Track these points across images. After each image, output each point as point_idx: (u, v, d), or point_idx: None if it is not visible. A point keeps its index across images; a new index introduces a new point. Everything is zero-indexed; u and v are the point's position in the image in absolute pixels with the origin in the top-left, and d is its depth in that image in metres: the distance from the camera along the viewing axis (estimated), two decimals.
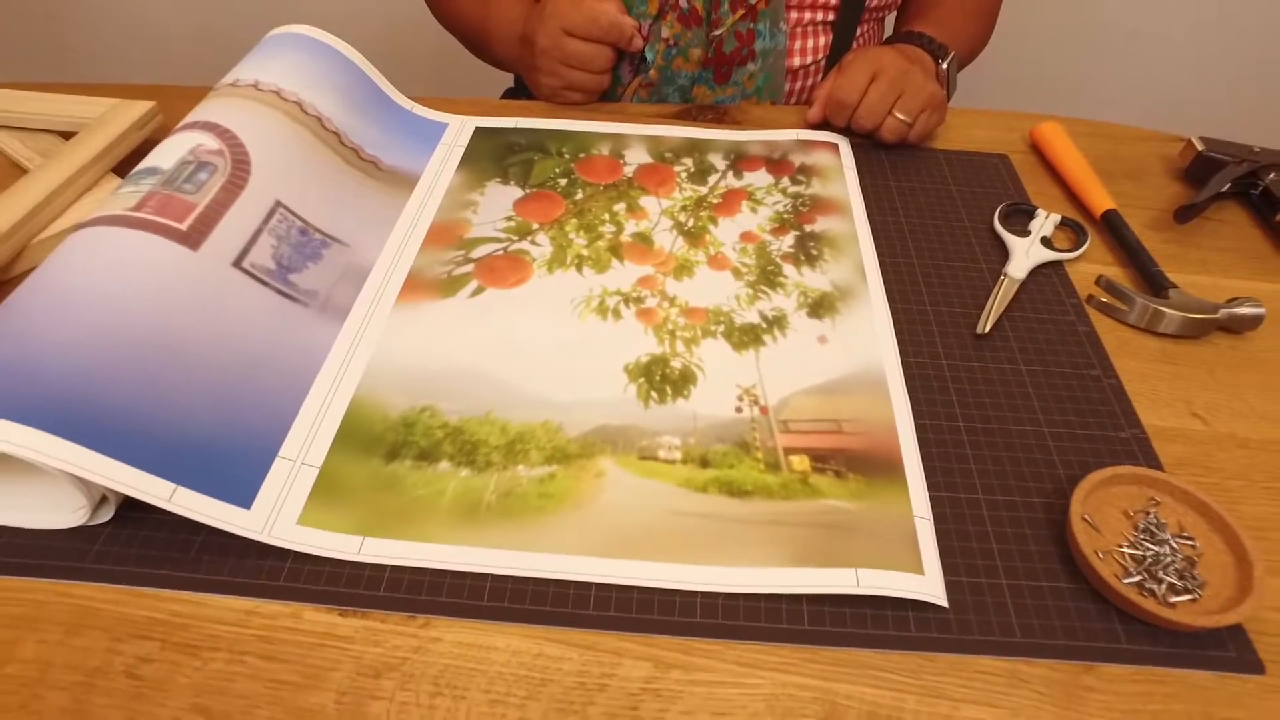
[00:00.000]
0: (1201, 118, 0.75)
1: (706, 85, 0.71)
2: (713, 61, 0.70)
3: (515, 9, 0.71)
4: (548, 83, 0.67)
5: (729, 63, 0.70)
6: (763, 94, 0.72)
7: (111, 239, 0.41)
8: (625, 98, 0.72)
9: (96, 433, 0.34)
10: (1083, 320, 0.49)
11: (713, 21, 0.68)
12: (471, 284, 0.50)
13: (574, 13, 0.63)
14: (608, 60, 0.65)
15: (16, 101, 0.60)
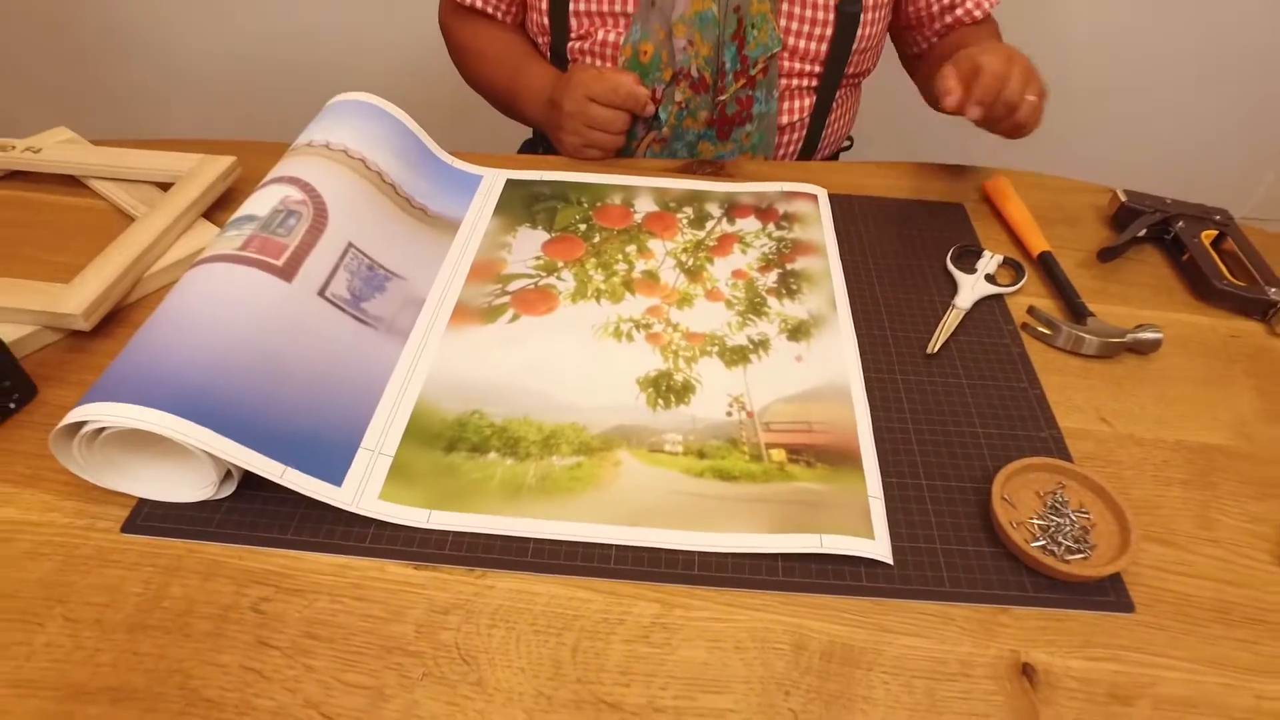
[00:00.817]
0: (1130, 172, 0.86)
1: (710, 141, 0.82)
2: (716, 122, 0.81)
3: (543, 76, 0.82)
4: (571, 141, 0.76)
5: (730, 123, 0.81)
6: (757, 149, 0.83)
7: (225, 273, 0.51)
8: (640, 151, 0.83)
9: (226, 423, 0.44)
10: (1016, 343, 0.58)
11: (718, 89, 0.79)
12: (509, 312, 0.60)
13: (597, 82, 0.73)
14: (625, 124, 0.75)
15: (121, 157, 0.71)
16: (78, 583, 0.42)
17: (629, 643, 0.41)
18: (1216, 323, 0.61)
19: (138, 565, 0.43)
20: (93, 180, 0.71)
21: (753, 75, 0.78)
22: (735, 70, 0.77)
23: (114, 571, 0.43)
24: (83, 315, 0.54)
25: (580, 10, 0.79)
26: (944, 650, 0.41)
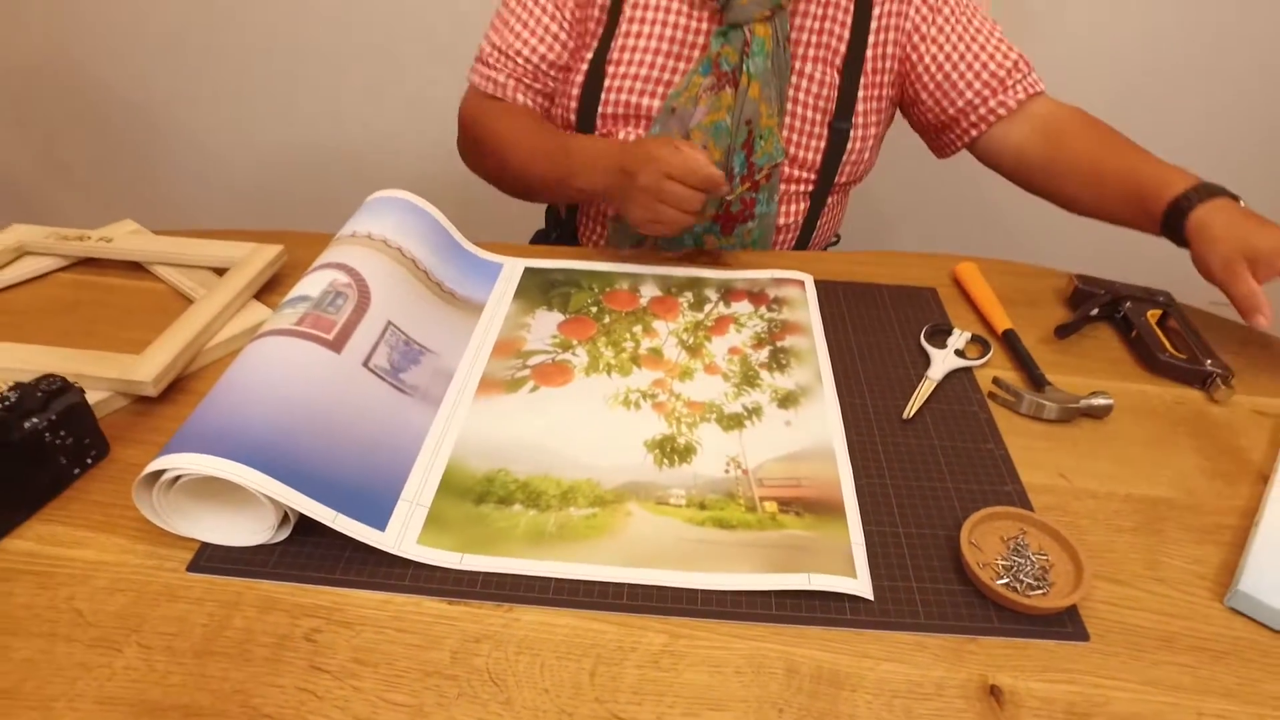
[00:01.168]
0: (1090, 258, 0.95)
1: (715, 235, 0.90)
2: (721, 219, 0.89)
3: (601, 145, 0.81)
4: (640, 215, 0.75)
5: (734, 220, 0.90)
6: (756, 244, 0.92)
7: (284, 344, 0.58)
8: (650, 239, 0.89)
9: (287, 473, 0.50)
10: (984, 410, 0.65)
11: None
12: (530, 384, 0.67)
13: (675, 159, 0.71)
14: (699, 204, 0.73)
15: (181, 246, 0.80)
16: (150, 615, 0.48)
17: (640, 667, 0.46)
18: (1162, 391, 0.68)
19: (202, 600, 0.49)
20: (155, 266, 0.79)
21: (757, 180, 0.87)
22: (742, 175, 0.86)
23: (181, 605, 0.48)
24: (152, 383, 0.61)
25: (607, 112, 0.89)
26: (920, 674, 0.46)
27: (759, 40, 0.83)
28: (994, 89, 0.88)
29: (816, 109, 0.89)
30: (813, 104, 0.89)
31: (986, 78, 0.87)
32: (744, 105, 0.84)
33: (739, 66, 0.84)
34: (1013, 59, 0.88)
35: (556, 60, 0.91)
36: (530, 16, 0.90)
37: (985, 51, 0.88)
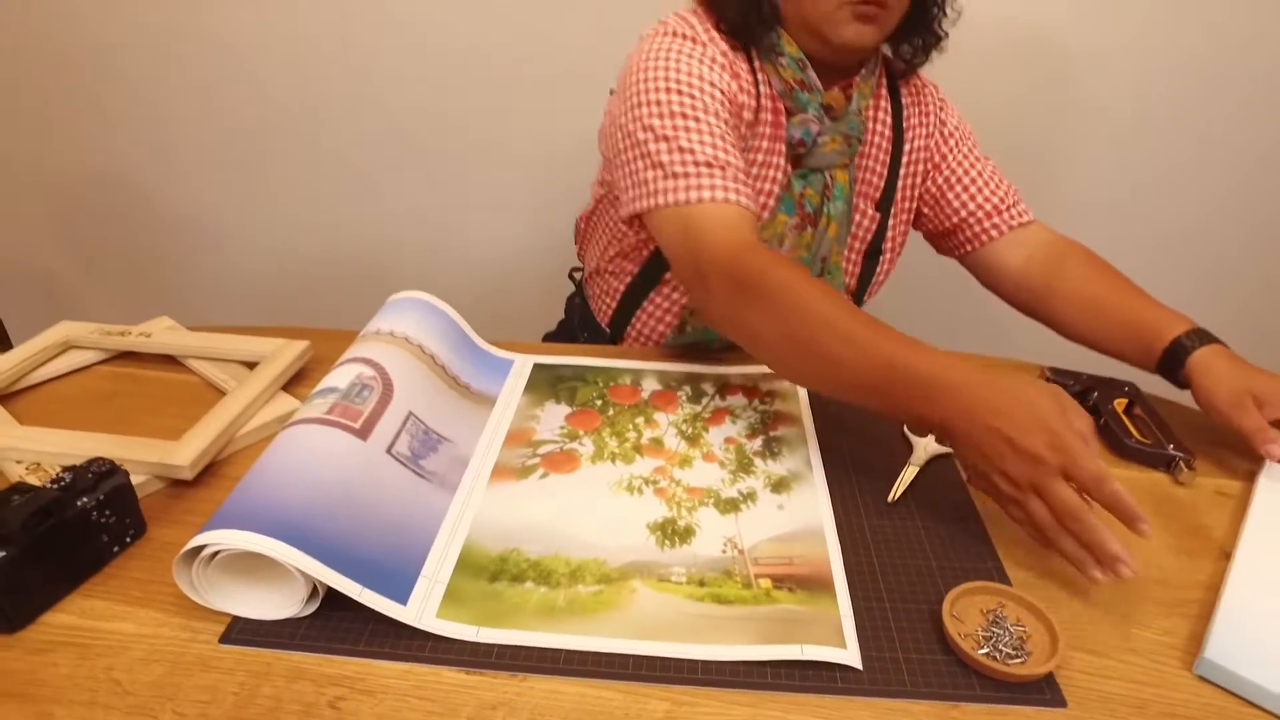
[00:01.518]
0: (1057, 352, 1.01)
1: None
2: None
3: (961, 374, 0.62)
4: (1008, 491, 0.60)
5: None
6: None
7: (315, 431, 0.63)
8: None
9: (318, 549, 0.54)
10: (964, 493, 0.70)
11: None
12: (540, 471, 0.72)
13: (1086, 464, 0.56)
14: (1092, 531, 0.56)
15: (215, 341, 0.86)
16: (184, 684, 0.51)
17: None
18: (1130, 474, 0.73)
19: (233, 670, 0.52)
20: (189, 359, 0.85)
21: None
22: None
23: (214, 675, 0.52)
24: (189, 467, 0.66)
25: None
26: None
27: (839, 185, 0.92)
28: (988, 213, 0.98)
29: (859, 239, 0.99)
30: (860, 236, 0.99)
31: (981, 201, 0.98)
32: (821, 244, 0.92)
33: (820, 208, 0.92)
34: (1005, 188, 0.99)
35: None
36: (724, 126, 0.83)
37: (982, 178, 0.99)
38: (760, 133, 0.90)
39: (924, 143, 0.99)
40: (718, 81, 0.84)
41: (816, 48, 0.87)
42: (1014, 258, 0.97)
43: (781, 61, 0.88)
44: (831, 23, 0.83)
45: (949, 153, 1.00)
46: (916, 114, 0.99)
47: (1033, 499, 0.59)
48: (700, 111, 0.81)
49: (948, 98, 1.02)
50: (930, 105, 1.00)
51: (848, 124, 0.90)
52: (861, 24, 0.82)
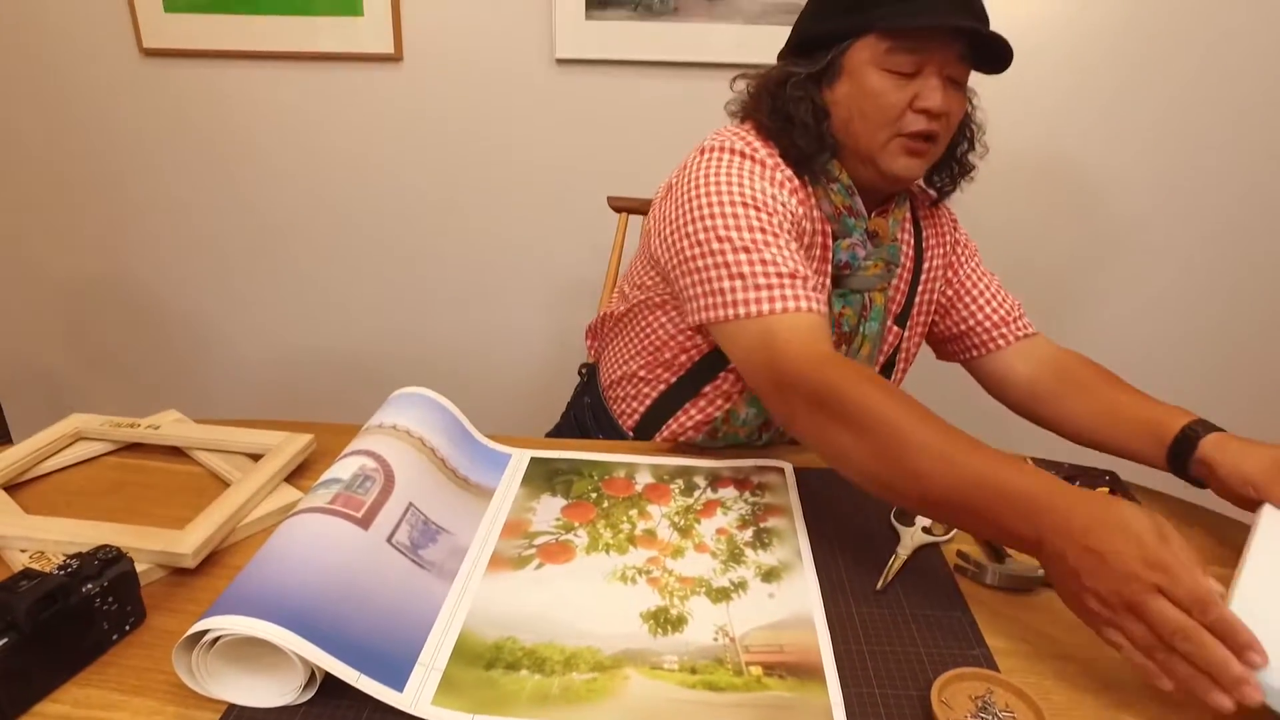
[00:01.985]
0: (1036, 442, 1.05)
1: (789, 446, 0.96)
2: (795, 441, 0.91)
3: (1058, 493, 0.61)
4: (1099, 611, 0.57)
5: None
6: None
7: (319, 520, 0.65)
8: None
9: (317, 635, 0.55)
10: (950, 581, 0.71)
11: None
12: (535, 561, 0.73)
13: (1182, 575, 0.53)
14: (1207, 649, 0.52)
15: (220, 433, 0.88)
16: None
17: None
18: None
19: None
20: (195, 451, 0.87)
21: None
22: None
23: None
24: (192, 555, 0.67)
25: None
26: None
27: (876, 308, 0.97)
28: (995, 323, 1.04)
29: (882, 354, 1.03)
30: (883, 350, 1.03)
31: (989, 311, 1.05)
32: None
33: (856, 328, 0.97)
34: (1011, 301, 1.06)
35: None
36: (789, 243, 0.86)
37: (990, 290, 1.06)
38: (811, 254, 0.94)
39: (941, 261, 1.06)
40: (787, 201, 0.88)
41: (867, 176, 0.92)
42: (1023, 367, 1.03)
43: (833, 188, 0.93)
44: (885, 154, 0.89)
45: (960, 265, 1.07)
46: (935, 234, 1.06)
47: (1129, 619, 0.55)
48: (776, 227, 0.85)
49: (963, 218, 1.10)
50: (945, 225, 1.08)
51: (889, 250, 0.96)
52: (910, 157, 0.89)
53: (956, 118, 0.91)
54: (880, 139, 0.88)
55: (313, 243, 1.85)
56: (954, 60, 0.87)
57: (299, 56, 1.68)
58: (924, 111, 0.86)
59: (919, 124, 0.87)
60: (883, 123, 0.87)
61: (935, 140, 0.89)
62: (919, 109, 0.86)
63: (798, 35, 0.94)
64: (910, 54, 0.85)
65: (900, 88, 0.86)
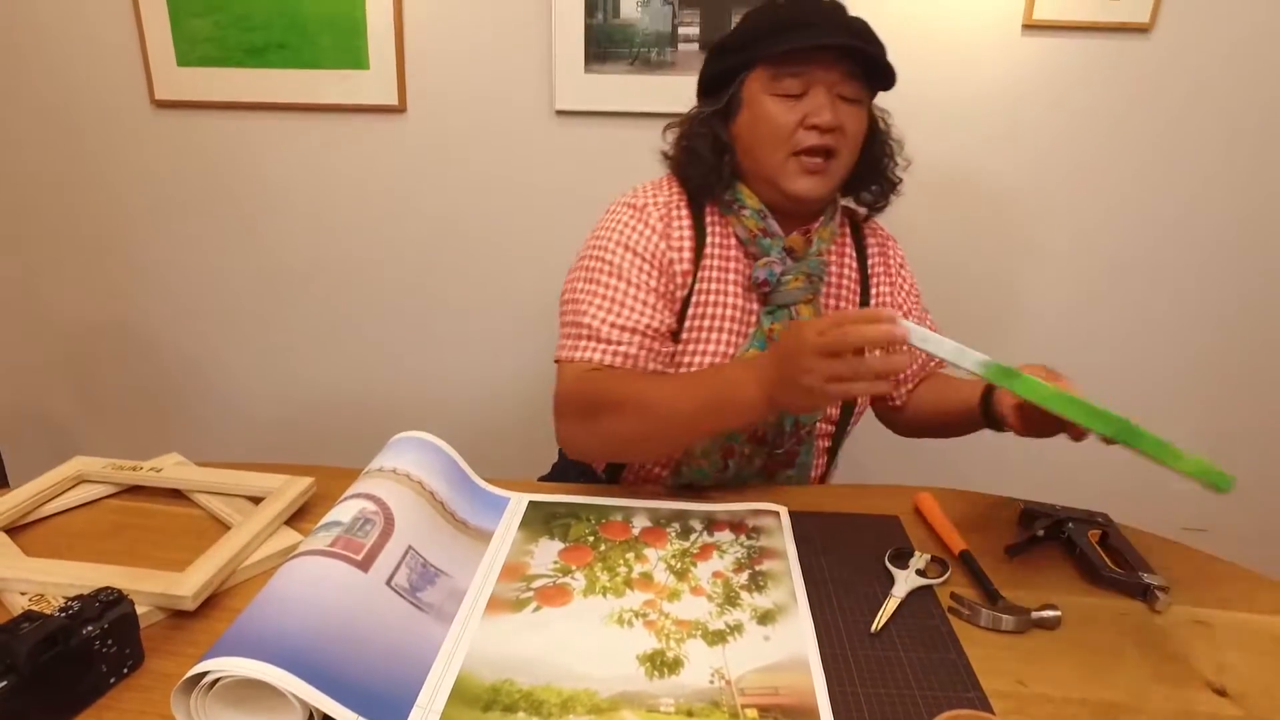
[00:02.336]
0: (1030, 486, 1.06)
1: (760, 481, 1.02)
2: (766, 466, 1.02)
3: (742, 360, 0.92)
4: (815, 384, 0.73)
5: (778, 467, 1.03)
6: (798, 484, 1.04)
7: (319, 563, 0.66)
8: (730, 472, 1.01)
9: (315, 677, 0.55)
10: (945, 624, 0.72)
11: (775, 444, 1.01)
12: (533, 604, 0.73)
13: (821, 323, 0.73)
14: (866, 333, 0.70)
15: (221, 476, 0.89)
16: None
17: None
18: (1107, 603, 0.75)
19: None
20: (196, 494, 0.88)
21: (801, 435, 1.01)
22: (791, 431, 1.01)
23: None
24: (191, 597, 0.68)
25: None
26: None
27: (803, 318, 1.00)
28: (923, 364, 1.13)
29: None
30: None
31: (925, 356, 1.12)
32: None
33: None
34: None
35: (671, 325, 0.99)
36: (639, 291, 0.97)
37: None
38: (728, 279, 1.01)
39: (889, 288, 1.11)
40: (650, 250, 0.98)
41: (774, 198, 0.98)
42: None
43: (745, 214, 0.99)
44: (785, 175, 0.95)
45: (910, 310, 1.12)
46: (881, 262, 1.11)
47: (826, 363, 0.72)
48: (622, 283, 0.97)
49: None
50: (893, 260, 1.12)
51: (809, 264, 0.99)
52: (809, 176, 0.95)
53: (855, 131, 0.96)
54: (778, 159, 0.95)
55: (316, 289, 1.88)
56: (840, 79, 0.93)
57: (306, 108, 1.72)
58: (814, 127, 0.92)
59: (811, 139, 0.93)
60: (777, 143, 0.94)
61: (834, 156, 0.94)
62: (809, 125, 0.92)
63: (701, 79, 1.03)
64: (795, 77, 0.93)
65: (791, 109, 0.93)
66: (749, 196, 0.99)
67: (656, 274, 0.98)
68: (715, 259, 1.01)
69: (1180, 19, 1.55)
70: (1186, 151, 1.63)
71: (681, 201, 1.02)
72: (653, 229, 0.99)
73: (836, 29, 0.92)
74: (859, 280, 1.08)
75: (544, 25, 1.64)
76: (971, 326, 1.79)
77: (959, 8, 1.58)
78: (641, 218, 1.00)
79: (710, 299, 1.01)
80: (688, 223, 1.01)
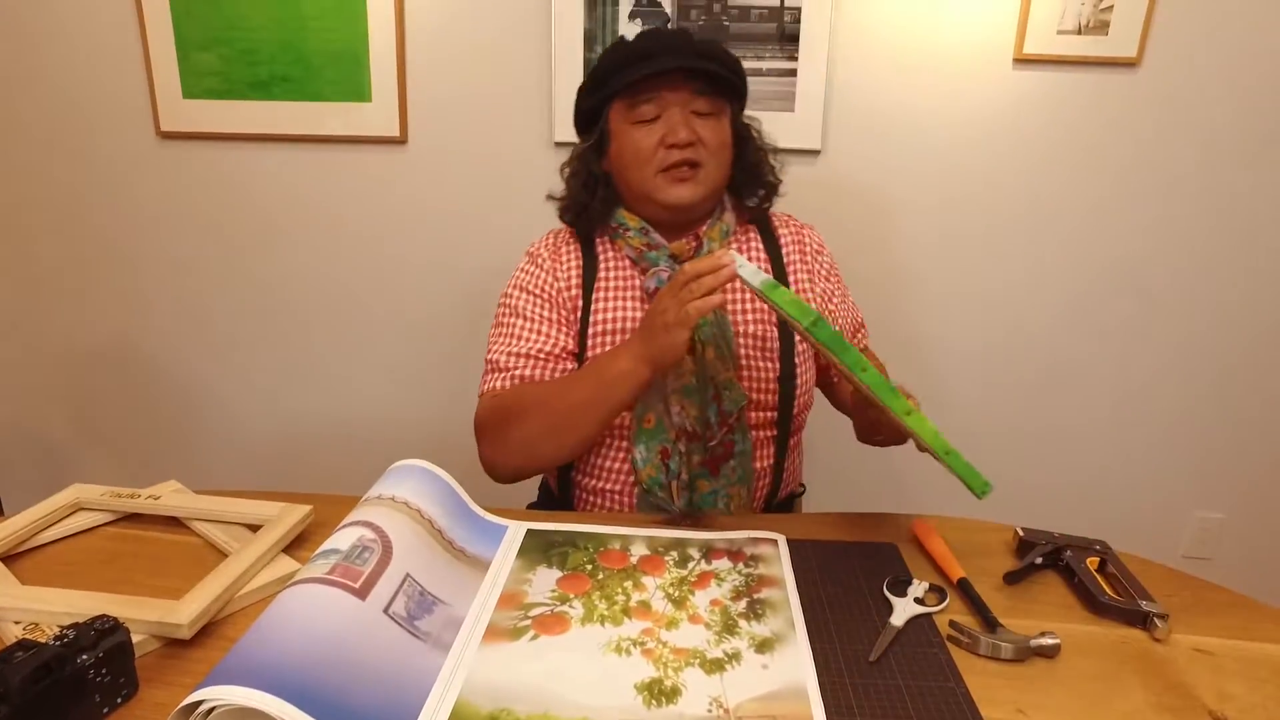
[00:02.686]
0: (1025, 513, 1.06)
1: (706, 479, 1.03)
2: (708, 462, 1.03)
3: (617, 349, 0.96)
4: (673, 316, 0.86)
5: (719, 462, 1.03)
6: (741, 481, 1.04)
7: (316, 591, 0.66)
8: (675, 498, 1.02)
9: (312, 706, 0.55)
10: (944, 652, 0.71)
11: (708, 437, 1.02)
12: (531, 632, 0.73)
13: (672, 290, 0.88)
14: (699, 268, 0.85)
15: (219, 503, 0.89)
16: None
17: None
18: (1107, 631, 0.75)
19: None
20: (193, 522, 0.88)
21: (730, 424, 1.02)
22: (718, 422, 1.02)
23: None
24: (188, 625, 0.68)
25: None
26: None
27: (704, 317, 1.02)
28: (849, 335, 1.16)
29: (765, 358, 1.08)
30: (760, 356, 1.08)
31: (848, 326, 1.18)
32: (704, 367, 1.02)
33: (691, 339, 1.00)
34: (860, 318, 1.21)
35: (569, 346, 1.07)
36: (530, 323, 1.08)
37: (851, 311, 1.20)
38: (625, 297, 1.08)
39: (808, 274, 1.15)
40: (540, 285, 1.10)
41: (655, 212, 1.07)
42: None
43: (629, 234, 1.08)
44: (657, 190, 1.04)
45: (833, 291, 1.17)
46: (797, 251, 1.16)
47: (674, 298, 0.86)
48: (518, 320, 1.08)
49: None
50: (809, 245, 1.17)
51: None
52: (680, 184, 1.03)
53: (715, 140, 1.04)
54: (648, 178, 1.04)
55: (317, 317, 1.89)
56: (691, 96, 1.02)
57: (308, 139, 1.74)
58: (674, 145, 1.01)
59: (673, 156, 1.02)
60: (644, 165, 1.03)
61: (699, 165, 1.03)
62: (668, 144, 1.01)
63: (575, 118, 1.13)
64: (649, 103, 1.02)
65: (650, 133, 1.02)
66: (629, 218, 1.08)
67: (549, 305, 1.09)
68: (609, 281, 1.09)
69: (1167, 53, 1.58)
70: (1174, 180, 1.66)
71: (570, 237, 1.14)
72: (540, 266, 1.11)
73: (681, 54, 1.01)
74: (770, 270, 1.12)
75: (544, 58, 1.67)
76: (964, 349, 1.80)
77: (952, 42, 1.61)
78: (535, 261, 1.12)
79: (609, 317, 1.07)
80: (575, 254, 1.11)
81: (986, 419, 1.82)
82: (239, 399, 1.96)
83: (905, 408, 0.79)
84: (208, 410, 1.97)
